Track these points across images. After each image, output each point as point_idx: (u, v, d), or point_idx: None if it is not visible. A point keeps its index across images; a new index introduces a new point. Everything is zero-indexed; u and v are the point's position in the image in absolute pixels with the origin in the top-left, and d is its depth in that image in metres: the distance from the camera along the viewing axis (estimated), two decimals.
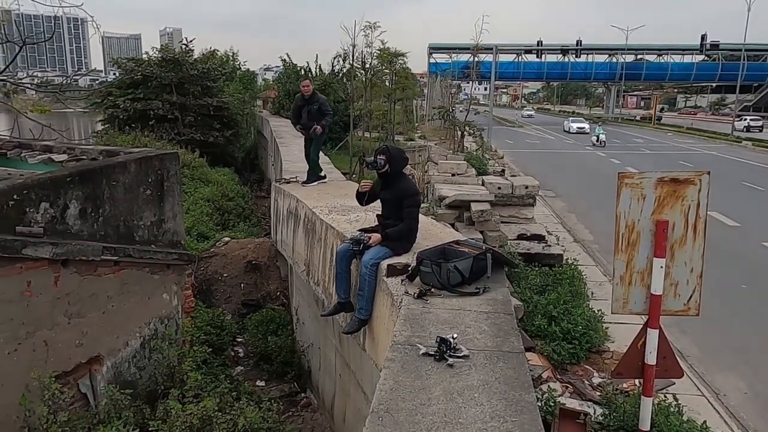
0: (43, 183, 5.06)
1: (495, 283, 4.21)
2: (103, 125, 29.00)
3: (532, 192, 12.43)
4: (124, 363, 5.94)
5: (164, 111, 27.09)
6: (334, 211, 6.52)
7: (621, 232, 4.76)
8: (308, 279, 6.72)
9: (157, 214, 6.22)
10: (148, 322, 6.16)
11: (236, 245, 13.27)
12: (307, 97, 9.12)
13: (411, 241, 4.85)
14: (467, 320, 3.53)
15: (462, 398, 2.68)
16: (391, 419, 2.51)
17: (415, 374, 2.90)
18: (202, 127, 28.01)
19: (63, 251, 5.09)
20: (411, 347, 3.17)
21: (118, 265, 5.73)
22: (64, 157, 6.78)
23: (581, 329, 7.26)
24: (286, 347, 8.53)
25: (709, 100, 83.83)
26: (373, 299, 4.54)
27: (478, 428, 2.43)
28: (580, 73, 71.77)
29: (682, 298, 4.84)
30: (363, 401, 5.92)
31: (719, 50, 62.53)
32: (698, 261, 4.77)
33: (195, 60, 29.39)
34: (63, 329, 5.27)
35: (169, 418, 4.91)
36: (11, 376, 4.90)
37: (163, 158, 6.25)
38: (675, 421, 5.11)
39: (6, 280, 4.79)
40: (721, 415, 6.27)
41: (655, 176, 4.74)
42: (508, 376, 2.88)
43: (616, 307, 4.93)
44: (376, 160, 4.82)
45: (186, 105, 27.63)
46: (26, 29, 9.85)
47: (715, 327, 8.80)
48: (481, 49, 29.92)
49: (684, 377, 7.09)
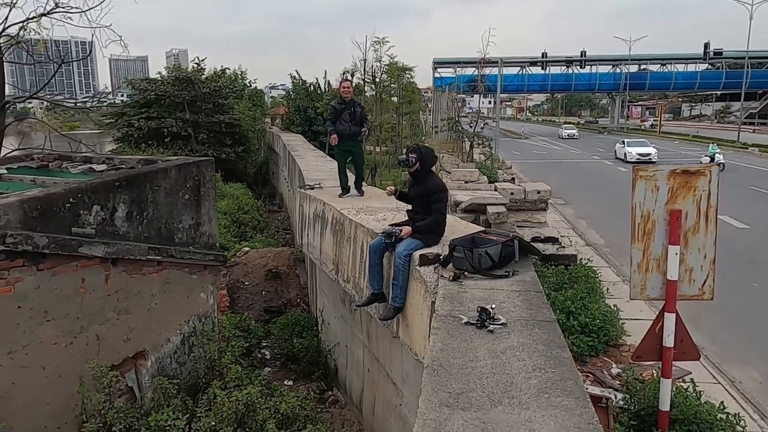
0: (95, 187, 5.44)
1: (522, 268, 4.53)
2: (117, 144, 29.56)
3: (545, 197, 12.79)
4: (166, 358, 6.26)
5: (178, 128, 27.65)
6: (361, 211, 6.86)
7: (637, 221, 5.07)
8: (337, 277, 7.04)
9: (195, 218, 6.59)
10: (187, 320, 6.49)
11: (256, 255, 13.62)
12: (348, 101, 8.31)
13: (440, 234, 5.18)
14: (500, 297, 3.84)
15: (505, 356, 2.99)
16: (445, 372, 2.82)
17: (461, 338, 3.21)
18: (215, 143, 28.52)
19: (113, 250, 5.45)
20: (453, 318, 3.48)
21: (161, 264, 6.08)
22: (104, 167, 7.16)
23: (599, 323, 7.55)
24: (312, 347, 8.82)
25: (714, 108, 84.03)
26: (407, 288, 4.86)
27: (523, 377, 2.74)
28: (584, 84, 72.23)
29: (696, 283, 5.13)
30: (393, 392, 6.21)
31: (723, 58, 62.89)
32: (711, 247, 5.07)
33: (206, 78, 30.02)
34: (112, 325, 5.61)
35: (215, 405, 5.22)
36: (68, 368, 5.23)
37: (200, 165, 6.63)
38: (693, 401, 5.36)
39: (63, 277, 5.14)
40: (737, 400, 6.50)
41: (668, 169, 5.07)
42: (544, 339, 3.19)
43: (635, 293, 5.22)
44: (408, 158, 5.17)
45: (198, 122, 28.19)
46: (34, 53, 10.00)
47: (729, 323, 9.05)
48: (486, 62, 30.39)
49: (700, 368, 7.37)
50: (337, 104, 8.36)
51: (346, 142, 8.37)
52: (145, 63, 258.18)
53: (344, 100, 8.29)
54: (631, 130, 70.88)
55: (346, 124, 8.18)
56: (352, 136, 8.28)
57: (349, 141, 8.35)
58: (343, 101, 8.29)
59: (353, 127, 8.20)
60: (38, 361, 5.00)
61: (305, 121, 31.74)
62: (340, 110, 8.22)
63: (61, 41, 11.15)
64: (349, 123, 8.16)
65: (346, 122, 8.17)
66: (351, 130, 8.19)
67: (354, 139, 8.38)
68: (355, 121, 8.22)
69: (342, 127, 8.22)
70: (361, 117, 8.30)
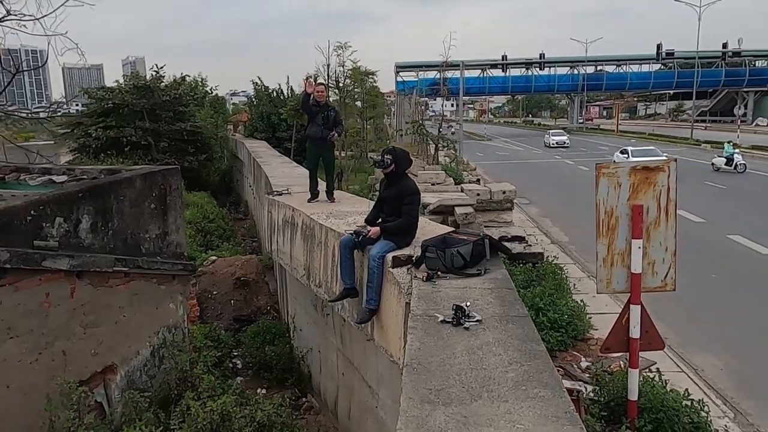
0: (57, 198, 5.30)
1: (494, 266, 4.61)
2: (74, 155, 28.76)
3: (510, 197, 13.02)
4: (136, 372, 6.13)
5: (137, 138, 27.03)
6: (331, 216, 6.87)
7: (601, 217, 5.22)
8: (309, 282, 7.02)
9: (162, 227, 6.48)
10: (157, 332, 6.37)
11: (223, 263, 13.45)
12: (322, 104, 8.22)
13: (412, 236, 5.22)
14: (474, 295, 3.91)
15: (482, 351, 3.04)
16: (424, 369, 2.86)
17: (438, 336, 3.25)
18: (176, 152, 27.98)
19: (79, 263, 5.32)
20: (429, 317, 3.52)
21: (128, 276, 5.96)
22: (64, 178, 6.99)
23: (567, 318, 7.73)
24: (284, 355, 8.75)
25: (668, 107, 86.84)
26: (381, 290, 4.88)
27: (500, 371, 2.80)
28: (544, 85, 73.73)
29: (659, 275, 5.32)
30: (369, 394, 6.22)
31: (674, 58, 65.04)
32: (672, 240, 5.27)
33: (166, 86, 29.49)
34: (79, 339, 5.47)
35: (189, 417, 5.14)
36: (34, 385, 5.07)
37: (166, 173, 6.53)
38: (660, 390, 5.54)
39: (26, 292, 5.00)
40: (701, 387, 6.74)
41: (629, 165, 5.25)
42: (519, 334, 3.26)
43: (601, 287, 5.38)
44: (383, 159, 5.21)
45: (159, 131, 27.63)
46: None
47: (690, 313, 9.36)
48: (449, 66, 30.75)
49: (665, 358, 7.60)
50: (312, 105, 8.20)
51: (318, 146, 8.31)
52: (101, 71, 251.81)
53: (318, 103, 8.17)
54: (590, 130, 72.62)
55: (318, 128, 8.09)
56: (324, 140, 8.19)
57: (322, 145, 8.28)
58: (317, 104, 8.17)
59: (325, 131, 8.11)
60: (2, 380, 4.84)
61: (269, 128, 31.49)
62: (315, 112, 8.13)
63: (11, 50, 10.80)
64: (322, 126, 8.07)
65: (319, 125, 8.08)
66: (323, 134, 8.11)
67: (325, 143, 8.30)
68: (328, 125, 8.12)
69: (314, 130, 8.15)
70: (334, 121, 8.23)
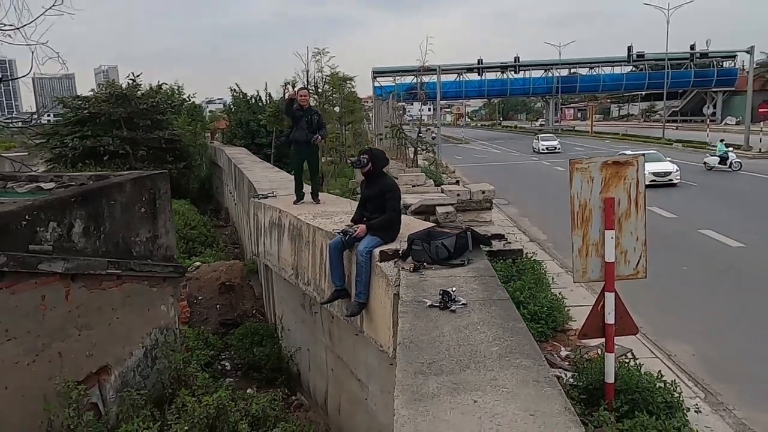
0: (50, 204, 5.43)
1: (476, 257, 4.87)
2: (50, 165, 28.47)
3: (489, 196, 13.34)
4: (130, 372, 6.25)
5: (115, 147, 26.90)
6: (318, 216, 7.07)
7: (576, 210, 5.51)
8: (297, 281, 7.20)
9: (152, 230, 6.61)
10: (149, 332, 6.50)
11: (208, 269, 13.54)
12: (305, 108, 8.51)
13: (396, 231, 5.46)
14: (459, 282, 4.15)
15: (468, 330, 3.29)
16: (416, 347, 3.09)
17: (427, 319, 3.49)
18: (155, 160, 27.86)
19: (73, 266, 5.44)
20: (418, 303, 3.76)
21: (121, 278, 6.09)
22: (52, 185, 7.08)
23: (546, 310, 8.02)
24: (273, 355, 8.90)
25: (641, 107, 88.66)
26: (370, 283, 5.10)
27: (485, 346, 3.04)
28: (519, 88, 74.79)
29: (631, 264, 5.62)
30: (358, 388, 6.43)
31: (645, 60, 66.50)
32: (642, 230, 5.57)
33: (143, 94, 29.39)
34: (74, 341, 5.59)
35: (185, 413, 5.29)
36: (31, 386, 5.18)
37: (155, 178, 6.68)
38: (635, 373, 5.84)
39: (23, 295, 5.11)
40: (674, 371, 7.07)
41: (600, 160, 5.55)
42: (501, 314, 3.52)
43: (578, 277, 5.66)
44: (360, 159, 5.47)
45: (137, 139, 27.53)
46: None
47: (663, 304, 9.76)
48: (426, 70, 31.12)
49: (640, 345, 7.94)
50: (296, 110, 8.48)
51: (302, 149, 8.56)
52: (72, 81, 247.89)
53: (302, 108, 8.44)
54: (566, 131, 73.83)
55: (302, 131, 8.35)
56: (308, 143, 8.45)
57: (306, 148, 8.54)
58: (301, 108, 8.44)
59: (309, 135, 8.36)
60: (1, 381, 4.95)
61: (248, 134, 31.51)
62: (298, 117, 8.40)
63: None
64: (306, 130, 8.33)
65: (303, 129, 8.34)
66: (307, 137, 8.36)
67: (310, 146, 8.56)
68: (311, 129, 8.38)
69: (299, 134, 8.39)
70: (317, 124, 8.49)
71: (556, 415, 2.32)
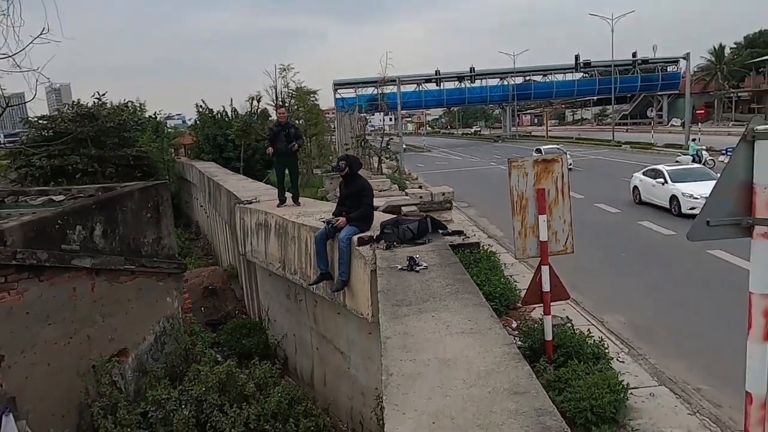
0: (77, 210, 6.40)
1: (435, 238, 6.07)
2: (14, 185, 28.60)
3: (449, 197, 14.67)
4: (143, 355, 7.21)
5: (83, 165, 27.26)
6: (301, 215, 8.17)
7: (515, 200, 6.78)
8: (284, 272, 8.26)
9: (157, 233, 7.60)
10: (158, 321, 7.47)
11: (191, 274, 14.39)
12: (283, 124, 9.76)
13: (370, 222, 6.62)
14: (422, 254, 5.33)
15: (428, 282, 4.45)
16: (392, 292, 4.23)
17: (398, 277, 4.65)
18: (123, 177, 28.21)
19: (98, 262, 6.42)
20: (391, 268, 4.92)
21: (134, 274, 7.07)
22: (62, 197, 8.02)
23: (500, 290, 9.28)
24: (261, 344, 9.90)
25: (593, 112, 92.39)
26: (350, 264, 6.24)
27: (440, 289, 4.22)
28: (477, 97, 77.23)
29: (561, 241, 6.92)
30: (341, 360, 7.54)
31: (591, 67, 69.75)
32: (568, 214, 6.89)
33: (108, 113, 29.80)
34: (99, 327, 6.55)
35: (198, 379, 6.31)
36: (67, 364, 6.13)
37: (158, 187, 7.68)
38: (569, 333, 7.14)
39: (59, 287, 6.07)
40: (606, 335, 8.41)
41: (532, 159, 6.85)
42: (452, 272, 4.71)
43: (519, 254, 6.94)
44: (339, 165, 6.64)
45: (104, 157, 27.90)
46: None
47: (604, 284, 11.19)
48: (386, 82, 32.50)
49: (580, 317, 9.31)
50: (274, 126, 9.76)
51: (283, 159, 9.82)
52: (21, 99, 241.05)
53: (280, 123, 9.72)
54: (522, 137, 76.46)
55: (282, 144, 9.56)
56: (288, 153, 9.71)
57: (286, 157, 9.82)
58: (279, 124, 9.72)
59: (288, 145, 9.57)
60: (44, 359, 5.90)
61: (215, 149, 32.20)
62: (277, 131, 9.66)
63: None
64: (285, 142, 9.55)
65: (283, 141, 9.55)
66: (287, 149, 9.59)
67: (289, 156, 9.83)
68: (289, 140, 9.58)
69: (280, 146, 9.61)
70: (294, 135, 9.77)
71: (484, 320, 3.50)
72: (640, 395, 6.39)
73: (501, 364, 2.87)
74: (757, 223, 2.88)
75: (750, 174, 2.85)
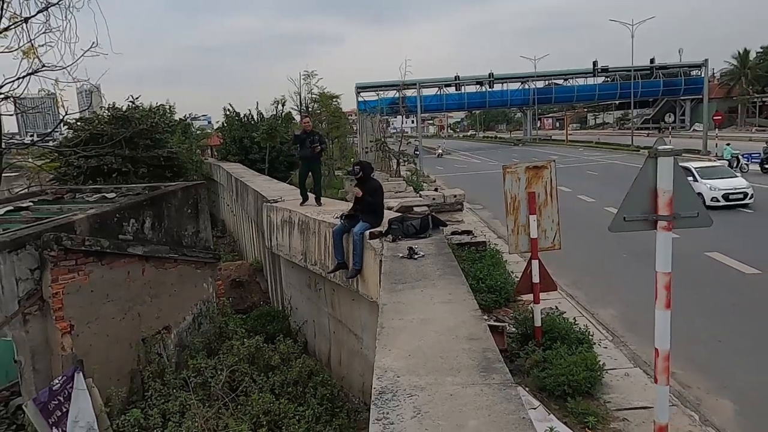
0: (131, 205, 7.52)
1: (435, 233, 7.04)
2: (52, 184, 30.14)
3: (460, 199, 15.58)
4: (183, 332, 8.31)
5: (118, 165, 28.69)
6: (321, 213, 9.21)
7: (508, 202, 7.70)
8: (306, 264, 9.30)
9: (195, 227, 8.70)
10: (196, 303, 8.56)
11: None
12: (309, 131, 10.77)
13: (380, 219, 7.61)
14: (422, 246, 6.31)
15: (424, 268, 5.42)
16: (392, 274, 5.22)
17: (399, 263, 5.64)
18: (154, 177, 29.58)
19: (148, 250, 7.52)
20: (394, 256, 5.90)
21: (176, 262, 8.16)
22: (113, 195, 9.16)
23: (500, 284, 10.16)
24: (283, 329, 10.96)
25: (615, 116, 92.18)
26: (363, 255, 7.23)
27: (432, 272, 5.18)
28: (497, 100, 77.57)
29: (549, 239, 7.81)
30: (355, 341, 8.53)
31: (609, 72, 69.75)
32: (556, 215, 7.77)
33: (141, 116, 31.26)
34: (148, 306, 7.66)
35: (230, 352, 7.37)
36: (122, 336, 7.24)
37: (197, 187, 8.79)
38: (557, 320, 8.02)
39: (116, 270, 7.18)
40: (595, 325, 9.26)
41: (524, 165, 7.76)
42: (445, 260, 5.67)
43: (512, 249, 7.86)
44: (353, 170, 7.66)
45: (137, 158, 29.27)
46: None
47: (600, 282, 12.01)
48: (406, 86, 33.50)
49: (572, 309, 10.17)
50: (301, 134, 10.83)
51: (308, 163, 10.96)
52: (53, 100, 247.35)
53: (306, 131, 10.82)
54: (543, 141, 76.78)
55: (307, 150, 10.63)
56: (312, 158, 10.81)
57: (310, 161, 10.93)
58: (305, 131, 10.83)
59: (313, 151, 10.61)
60: (104, 330, 7.01)
61: (241, 151, 33.48)
62: (303, 138, 10.72)
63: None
64: (310, 148, 10.60)
65: (308, 147, 10.61)
66: (311, 154, 10.67)
67: (314, 160, 10.93)
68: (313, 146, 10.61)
69: (305, 152, 10.75)
70: (318, 141, 10.85)
71: (461, 293, 4.46)
72: (616, 375, 7.25)
73: (466, 323, 3.81)
74: (659, 218, 3.83)
75: (655, 182, 3.79)
